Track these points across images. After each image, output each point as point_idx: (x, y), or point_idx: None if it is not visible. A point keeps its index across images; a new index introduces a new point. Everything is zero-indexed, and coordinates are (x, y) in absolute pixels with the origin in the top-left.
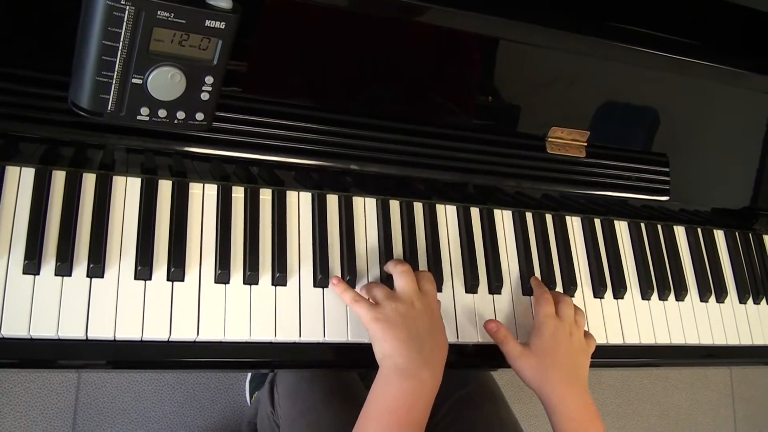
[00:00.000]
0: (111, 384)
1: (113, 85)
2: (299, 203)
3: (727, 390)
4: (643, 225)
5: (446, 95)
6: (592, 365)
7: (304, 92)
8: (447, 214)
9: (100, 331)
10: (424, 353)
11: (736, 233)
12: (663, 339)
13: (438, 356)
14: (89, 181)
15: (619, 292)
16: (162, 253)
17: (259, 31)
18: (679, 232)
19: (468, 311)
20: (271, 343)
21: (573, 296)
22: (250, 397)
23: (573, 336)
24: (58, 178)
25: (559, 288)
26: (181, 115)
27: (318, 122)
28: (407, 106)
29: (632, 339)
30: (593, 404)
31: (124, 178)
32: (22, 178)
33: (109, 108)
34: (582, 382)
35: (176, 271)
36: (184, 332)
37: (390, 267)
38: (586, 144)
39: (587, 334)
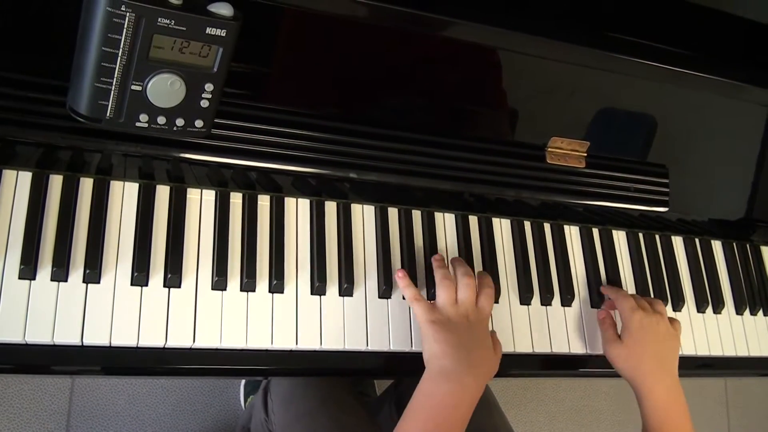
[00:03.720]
0: (105, 387)
1: (112, 92)
2: (297, 210)
3: (721, 398)
4: (641, 235)
5: (446, 104)
6: (589, 375)
7: (303, 100)
8: (445, 223)
9: (96, 337)
10: (470, 361)
11: (734, 244)
12: None
13: (483, 367)
14: (86, 185)
15: None
16: (159, 259)
17: (259, 38)
18: (677, 242)
19: None
20: (267, 350)
21: (570, 306)
22: (245, 401)
23: (660, 324)
24: (55, 182)
25: (557, 298)
26: (180, 122)
27: (318, 130)
28: (407, 115)
29: None
30: (683, 397)
31: (122, 182)
32: (18, 182)
33: (107, 114)
34: (671, 371)
35: (173, 277)
36: (180, 339)
37: (458, 272)
38: (585, 154)
39: (672, 320)
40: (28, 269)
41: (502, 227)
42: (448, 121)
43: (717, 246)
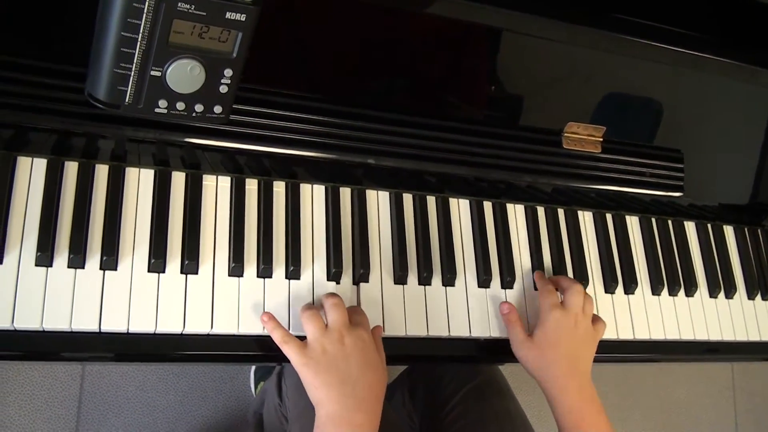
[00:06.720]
0: (115, 373)
1: (131, 78)
2: (313, 196)
3: (728, 383)
4: (653, 220)
5: (463, 89)
6: (597, 360)
7: (320, 86)
8: (460, 208)
9: (114, 323)
10: (357, 395)
11: (746, 229)
12: (672, 335)
13: (373, 395)
14: (102, 172)
15: (630, 287)
16: (176, 245)
17: (277, 23)
18: (689, 227)
19: (480, 306)
20: None
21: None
22: (255, 387)
23: (579, 325)
24: (71, 169)
25: None
26: (199, 108)
27: (335, 116)
28: (424, 100)
29: (642, 335)
30: (596, 396)
31: (138, 169)
32: (34, 169)
33: (126, 100)
34: (584, 373)
35: (190, 264)
36: (198, 325)
37: (322, 299)
38: (601, 139)
39: (596, 319)
40: (45, 256)
41: (516, 213)
42: (464, 106)
43: (729, 231)
